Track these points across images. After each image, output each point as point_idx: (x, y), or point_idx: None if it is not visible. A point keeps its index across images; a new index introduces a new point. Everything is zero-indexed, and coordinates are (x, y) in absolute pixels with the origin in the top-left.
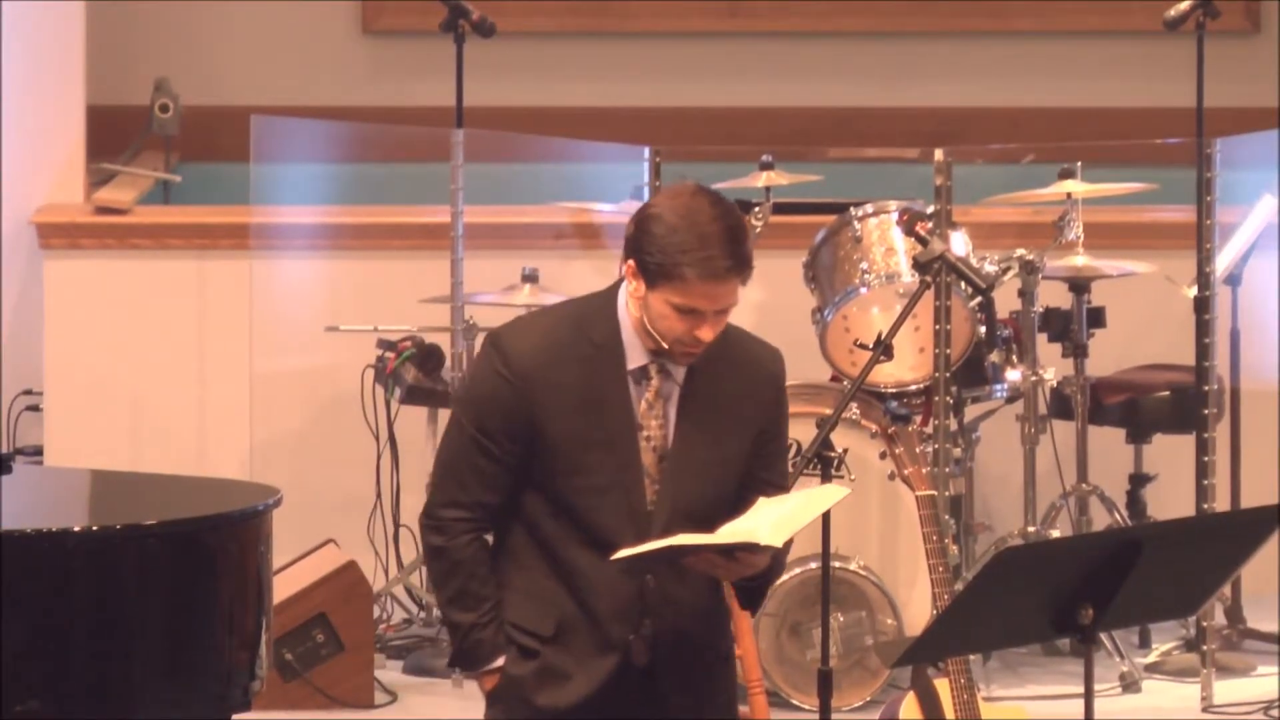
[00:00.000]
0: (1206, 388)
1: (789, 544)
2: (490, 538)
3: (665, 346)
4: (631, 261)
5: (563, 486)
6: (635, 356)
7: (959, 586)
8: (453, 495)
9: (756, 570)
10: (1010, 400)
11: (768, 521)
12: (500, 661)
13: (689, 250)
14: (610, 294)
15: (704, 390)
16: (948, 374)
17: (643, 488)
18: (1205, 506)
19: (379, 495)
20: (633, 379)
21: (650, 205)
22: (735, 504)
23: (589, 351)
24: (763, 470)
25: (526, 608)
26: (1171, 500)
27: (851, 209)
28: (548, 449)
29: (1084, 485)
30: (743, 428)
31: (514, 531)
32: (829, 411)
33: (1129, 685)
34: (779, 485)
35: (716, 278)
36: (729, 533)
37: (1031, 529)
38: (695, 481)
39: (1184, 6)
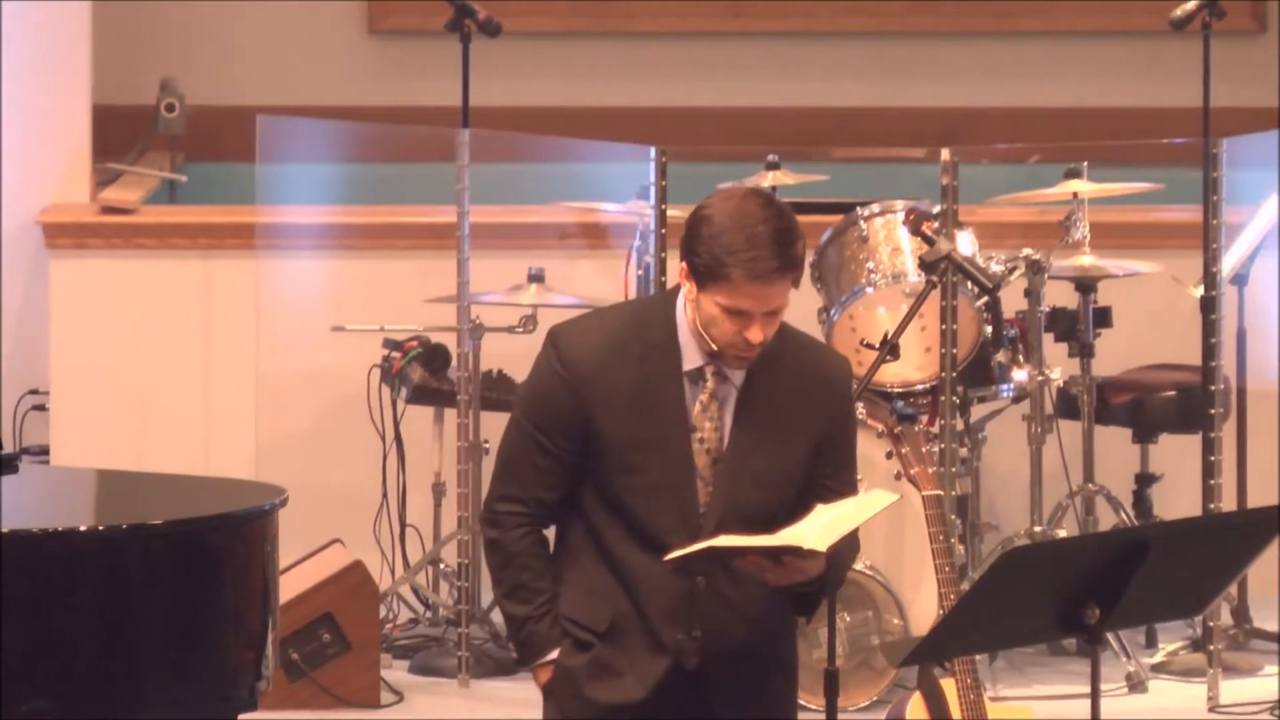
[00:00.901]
0: (1213, 387)
1: (848, 553)
2: (551, 533)
3: (718, 349)
4: (684, 264)
5: (616, 485)
6: (691, 358)
7: (965, 586)
8: (509, 490)
9: (808, 576)
10: (1016, 400)
11: (817, 526)
12: (554, 654)
13: (736, 251)
14: (670, 295)
15: (762, 394)
16: (954, 374)
17: (695, 490)
18: (1211, 506)
19: (385, 495)
20: (688, 380)
21: (702, 207)
22: (796, 510)
23: (645, 352)
24: (827, 478)
25: (582, 603)
26: (1177, 500)
27: (858, 209)
28: (602, 447)
29: (1090, 485)
30: (801, 434)
31: (573, 528)
32: None
33: (1135, 685)
34: (845, 493)
35: (762, 278)
36: (776, 536)
37: (1038, 529)
38: (750, 486)
39: (1190, 6)
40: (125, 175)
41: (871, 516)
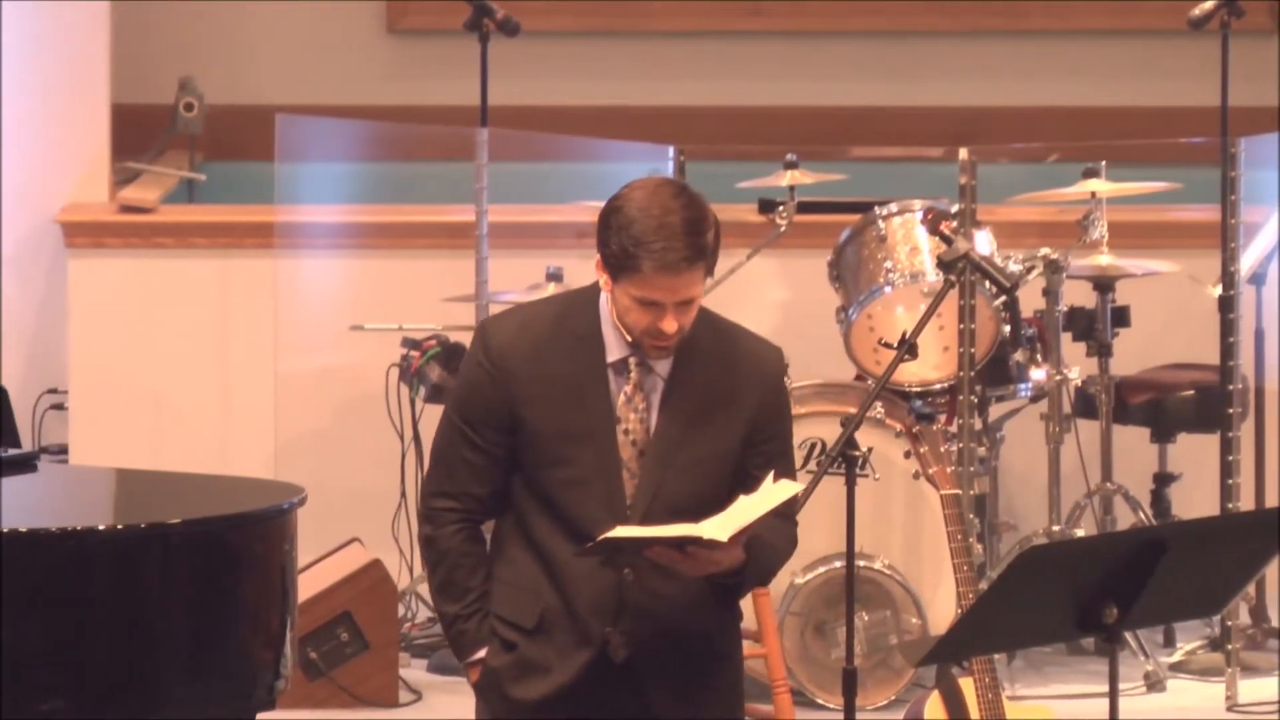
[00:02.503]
0: (1231, 387)
1: (781, 546)
2: (488, 529)
3: (634, 340)
4: (599, 255)
5: (544, 478)
6: (615, 349)
7: (983, 586)
8: (442, 485)
9: (721, 568)
10: (1035, 399)
11: (721, 516)
12: (482, 654)
13: (645, 242)
14: (596, 287)
15: (689, 385)
16: (972, 373)
17: (621, 481)
18: (1230, 506)
19: (403, 494)
20: (613, 372)
21: (614, 198)
22: (729, 502)
23: (571, 343)
24: (759, 469)
25: (511, 599)
26: (1196, 499)
27: (876, 208)
28: (529, 440)
29: (1108, 484)
30: (728, 425)
31: (505, 523)
32: (853, 410)
33: (1154, 684)
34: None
35: (671, 269)
36: (675, 526)
37: (1056, 528)
38: (677, 477)
39: (1209, 6)
40: (144, 174)
41: (776, 506)
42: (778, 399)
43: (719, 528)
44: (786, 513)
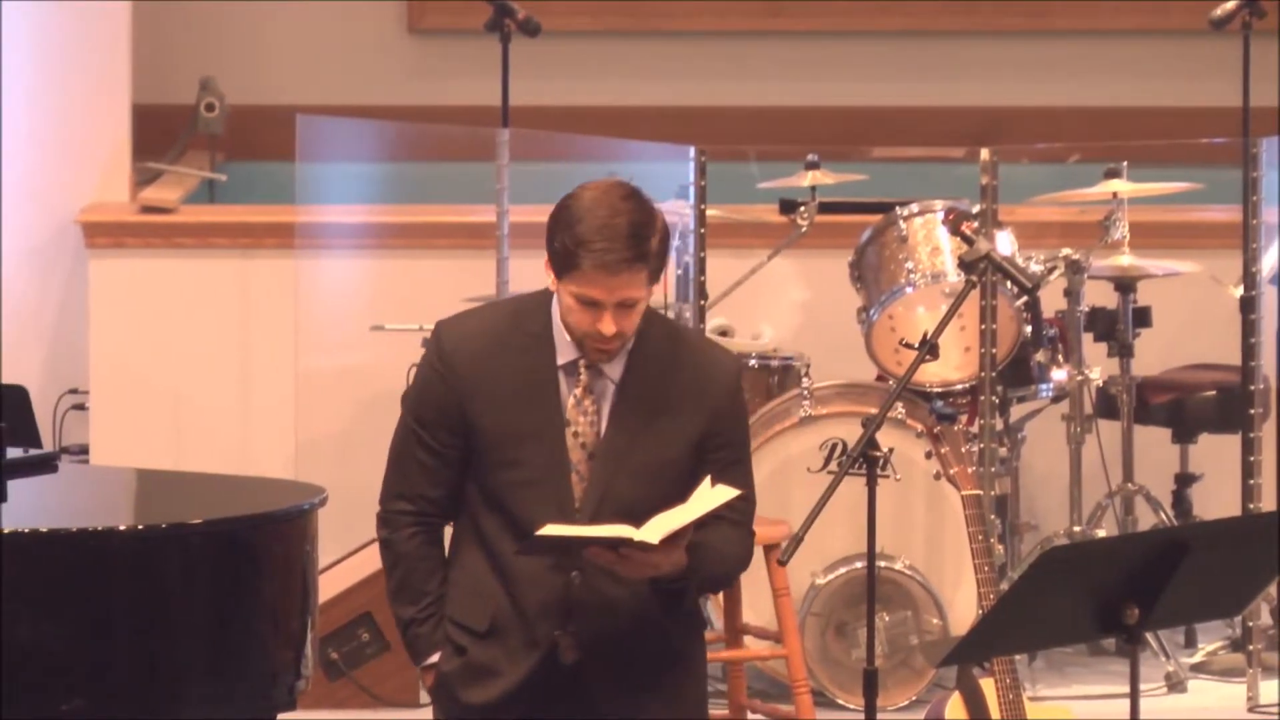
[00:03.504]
0: (1252, 387)
1: (731, 553)
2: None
3: (575, 340)
4: (547, 253)
5: (495, 480)
6: (565, 351)
7: (1004, 586)
8: (397, 488)
9: (660, 572)
10: (1056, 400)
11: (655, 520)
12: (436, 658)
13: (586, 241)
14: (549, 289)
15: (640, 389)
16: (993, 373)
17: (570, 484)
18: (1251, 506)
19: None
20: (564, 374)
21: (565, 197)
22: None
23: (522, 344)
24: (717, 477)
25: (464, 603)
26: (1217, 500)
27: (897, 208)
28: (480, 441)
29: (1130, 485)
30: (679, 430)
31: (459, 524)
32: (875, 411)
33: (1174, 685)
34: (744, 496)
35: (609, 269)
36: (605, 528)
37: (1077, 528)
38: (627, 481)
39: (1230, 6)
40: (165, 175)
41: (729, 513)
42: (732, 407)
43: (650, 530)
44: (740, 521)
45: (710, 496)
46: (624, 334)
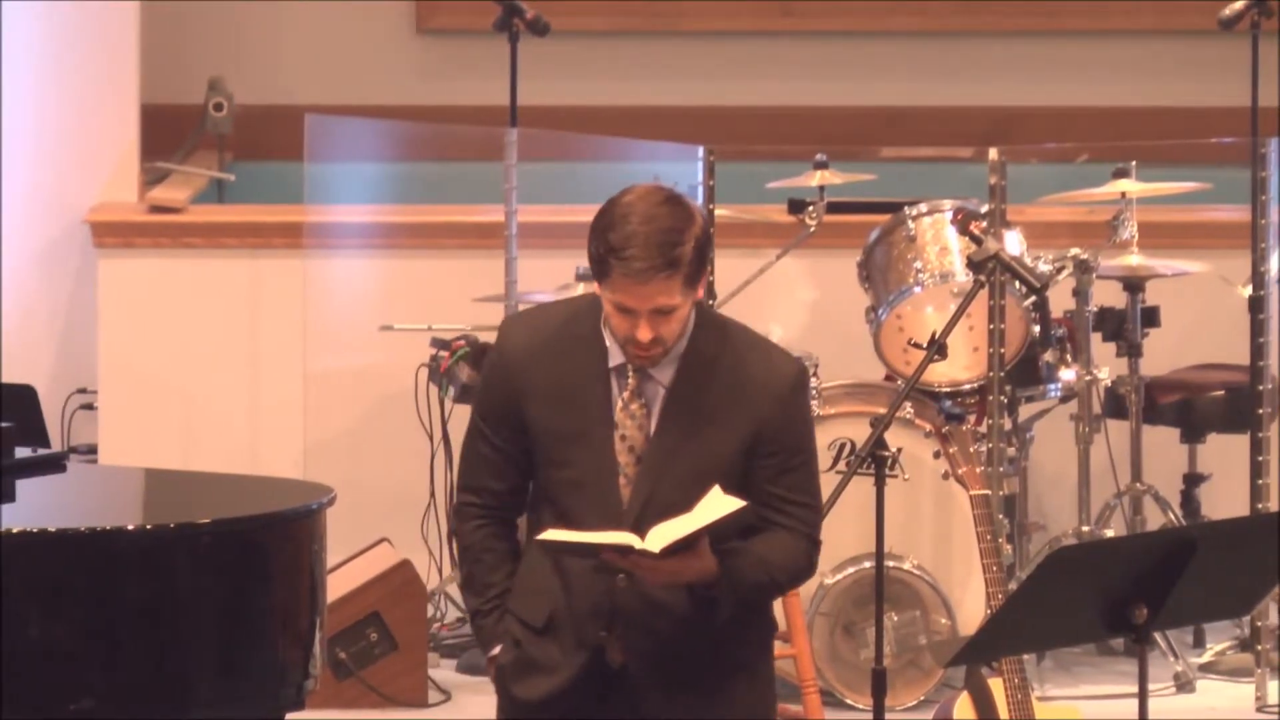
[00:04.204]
0: (1261, 387)
1: (777, 563)
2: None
3: (619, 345)
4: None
5: (549, 478)
6: (616, 354)
7: (1013, 586)
8: (465, 480)
9: (681, 579)
10: (1064, 400)
11: (663, 527)
12: (497, 650)
13: (617, 248)
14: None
15: (690, 394)
16: (1002, 373)
17: (617, 486)
18: (1259, 506)
19: (432, 494)
20: (615, 376)
21: (606, 202)
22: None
23: (575, 346)
24: (769, 484)
25: (525, 598)
26: (1225, 500)
27: (906, 208)
28: (535, 439)
29: (1138, 485)
30: (727, 437)
31: (529, 521)
32: (883, 411)
33: (1183, 685)
34: (798, 502)
35: (635, 276)
36: (610, 535)
37: (1085, 528)
38: (672, 485)
39: (1239, 6)
40: (173, 174)
41: (716, 520)
42: (784, 413)
43: (653, 539)
44: (796, 528)
45: (716, 506)
46: (664, 340)
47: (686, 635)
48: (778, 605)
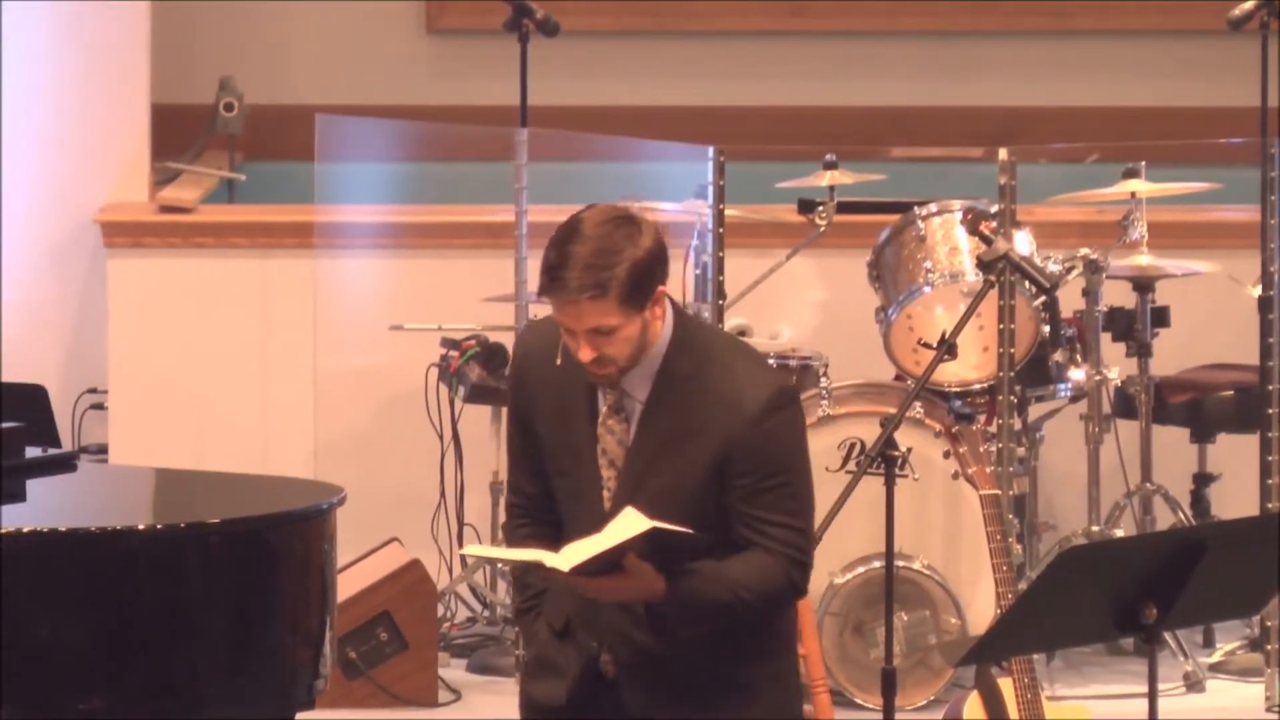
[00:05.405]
0: (1270, 387)
1: (740, 581)
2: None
3: None
4: None
5: (554, 486)
6: None
7: (1023, 586)
8: (510, 480)
9: (622, 598)
10: (1074, 399)
11: (575, 547)
12: (525, 650)
13: (551, 267)
14: None
15: (664, 412)
16: (1012, 373)
17: (601, 499)
18: (1269, 506)
19: (443, 494)
20: (602, 391)
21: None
22: (718, 535)
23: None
24: (744, 504)
25: (552, 600)
26: (1235, 500)
27: (915, 208)
28: (540, 447)
29: (1148, 485)
30: (698, 456)
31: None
32: (893, 410)
33: (1193, 685)
34: (776, 522)
35: (564, 296)
36: (526, 551)
37: (1095, 528)
38: (646, 502)
39: (1248, 6)
40: (183, 174)
41: (625, 541)
42: (755, 434)
43: (562, 558)
44: (774, 549)
45: (627, 526)
46: (612, 359)
47: (668, 650)
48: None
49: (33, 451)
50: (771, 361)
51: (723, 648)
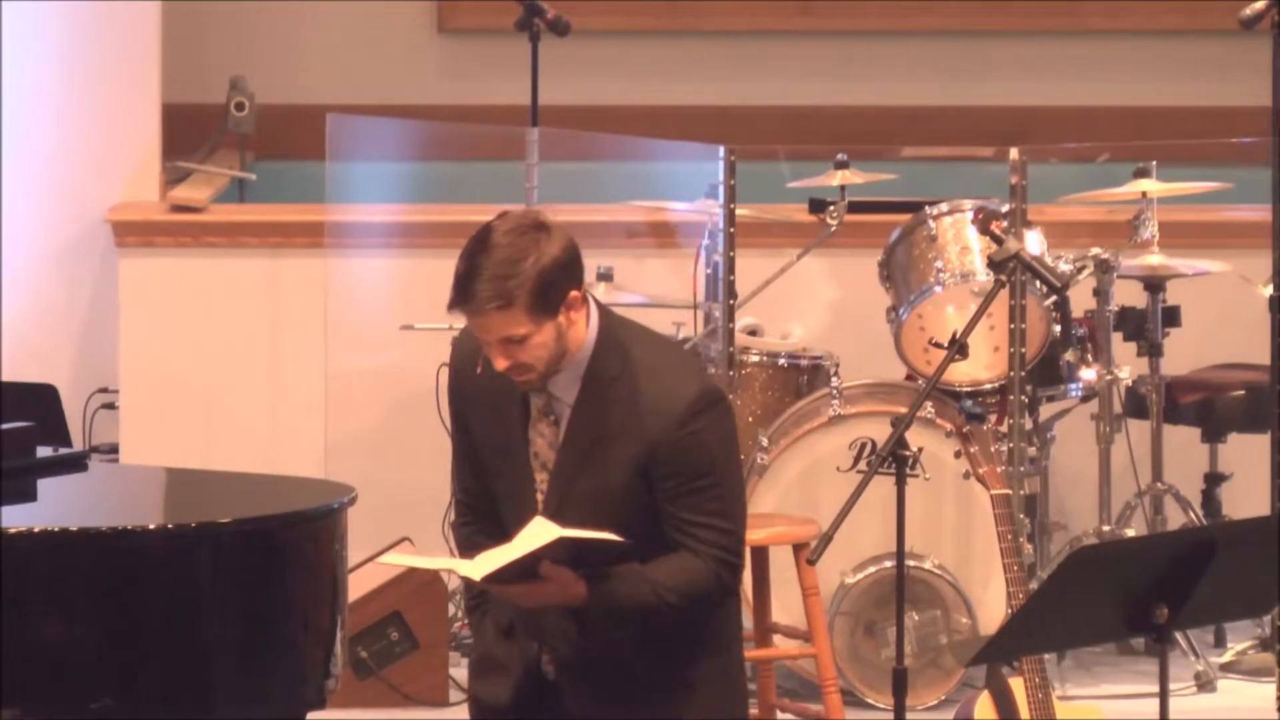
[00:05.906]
0: None
1: (661, 584)
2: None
3: None
4: None
5: (490, 486)
6: None
7: (1034, 585)
8: (454, 477)
9: (549, 601)
10: (1085, 399)
11: (491, 554)
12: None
13: (457, 278)
14: None
15: (591, 415)
16: (1023, 373)
17: (535, 502)
18: None
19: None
20: (534, 394)
21: None
22: (649, 536)
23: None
24: (670, 505)
25: (497, 600)
26: (1246, 500)
27: (926, 208)
28: (475, 450)
29: (1159, 484)
30: (622, 459)
31: None
32: (904, 410)
33: (1204, 685)
34: (703, 524)
35: (464, 310)
36: (444, 560)
37: (1106, 528)
38: (575, 505)
39: (1260, 5)
40: (194, 174)
41: (537, 549)
42: (679, 436)
43: (475, 566)
44: (700, 550)
45: (535, 535)
46: (530, 365)
47: (606, 650)
48: (798, 605)
49: (43, 451)
50: (782, 361)
51: (662, 647)
